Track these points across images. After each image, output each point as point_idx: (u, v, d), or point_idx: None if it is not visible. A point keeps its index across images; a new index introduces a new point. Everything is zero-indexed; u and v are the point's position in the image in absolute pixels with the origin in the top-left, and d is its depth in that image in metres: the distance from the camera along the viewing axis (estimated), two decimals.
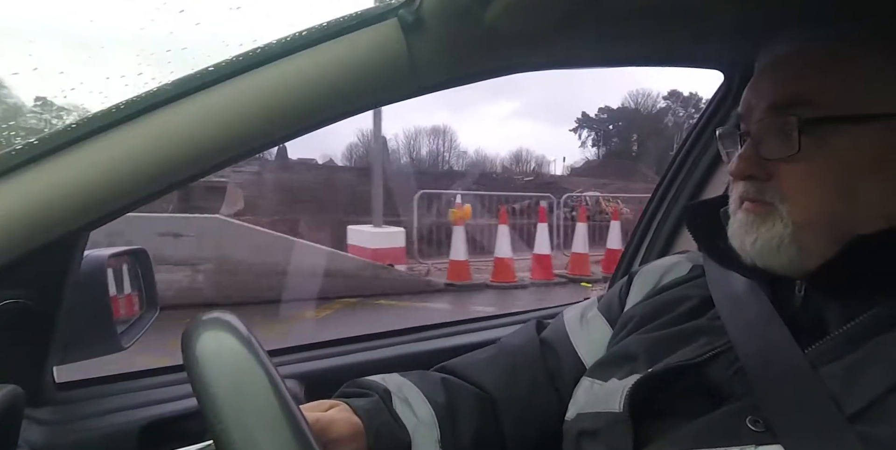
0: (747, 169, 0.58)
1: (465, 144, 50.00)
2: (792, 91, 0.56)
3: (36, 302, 0.64)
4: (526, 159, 40.39)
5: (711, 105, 1.11)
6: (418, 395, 0.69)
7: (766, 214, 0.57)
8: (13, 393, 0.51)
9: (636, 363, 0.62)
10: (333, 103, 0.64)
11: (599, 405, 0.60)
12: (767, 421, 0.48)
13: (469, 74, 0.72)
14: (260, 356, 0.42)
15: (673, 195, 1.21)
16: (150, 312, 0.90)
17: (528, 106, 68.42)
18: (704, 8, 0.70)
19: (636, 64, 0.91)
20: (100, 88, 0.71)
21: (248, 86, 0.61)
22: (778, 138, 0.55)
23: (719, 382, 0.55)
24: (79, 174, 0.59)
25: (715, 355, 0.57)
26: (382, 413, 0.65)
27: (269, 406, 0.38)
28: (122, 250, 0.82)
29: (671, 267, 0.76)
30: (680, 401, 0.56)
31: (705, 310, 0.64)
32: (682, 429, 0.52)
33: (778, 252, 0.56)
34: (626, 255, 1.30)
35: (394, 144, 35.22)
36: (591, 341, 0.75)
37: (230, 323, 0.45)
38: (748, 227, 0.58)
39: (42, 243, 0.60)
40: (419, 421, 0.66)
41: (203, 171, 0.64)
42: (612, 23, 0.69)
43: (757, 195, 0.58)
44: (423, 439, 0.65)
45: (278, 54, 0.61)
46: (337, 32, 0.62)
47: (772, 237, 0.56)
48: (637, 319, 0.69)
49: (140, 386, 0.84)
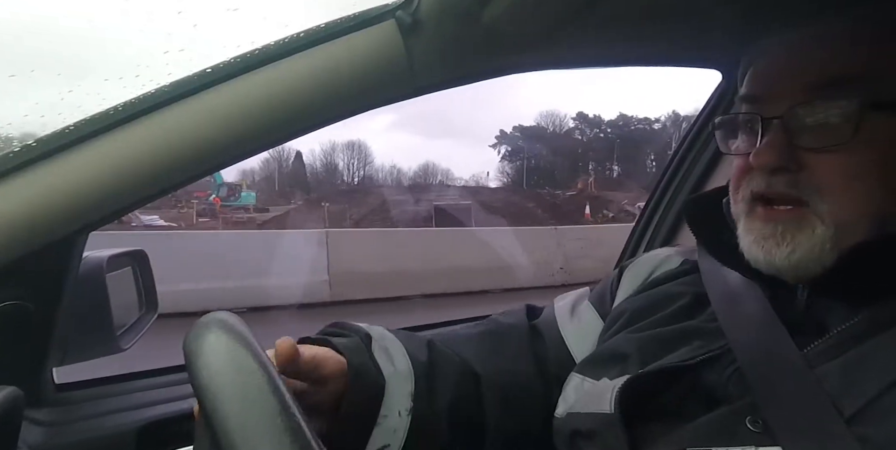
0: (777, 159, 0.51)
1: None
2: (838, 68, 0.49)
3: (35, 303, 0.64)
4: (433, 173, 42.37)
5: (710, 104, 1.12)
6: (399, 348, 0.67)
7: (800, 219, 0.51)
8: (13, 394, 0.51)
9: (627, 363, 0.60)
10: (332, 104, 0.64)
11: (592, 405, 0.58)
12: (766, 422, 0.47)
13: (467, 75, 0.72)
14: (260, 357, 0.42)
15: (672, 192, 1.22)
16: (150, 314, 0.90)
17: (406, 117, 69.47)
18: (703, 8, 0.70)
19: (634, 64, 0.91)
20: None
21: (247, 87, 0.61)
22: (822, 124, 0.50)
23: (715, 384, 0.54)
24: (78, 176, 0.59)
25: (711, 357, 0.55)
26: (362, 354, 0.63)
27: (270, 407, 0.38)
28: (121, 252, 0.82)
29: (663, 260, 0.74)
30: (674, 402, 0.54)
31: (699, 309, 0.63)
32: (679, 430, 0.51)
33: (818, 261, 0.50)
34: (627, 251, 1.30)
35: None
36: (581, 333, 0.74)
37: (231, 324, 0.45)
38: (779, 238, 0.51)
39: (42, 245, 0.60)
40: (396, 370, 0.64)
41: (201, 172, 0.64)
42: (610, 23, 0.69)
43: (787, 189, 0.51)
44: (397, 387, 0.63)
45: (276, 56, 0.61)
46: (335, 34, 0.62)
47: (813, 245, 0.50)
48: (628, 314, 0.68)
49: (139, 387, 0.84)
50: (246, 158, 0.65)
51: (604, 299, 0.76)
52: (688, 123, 1.47)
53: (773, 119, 0.52)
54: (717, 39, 0.83)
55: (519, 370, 0.72)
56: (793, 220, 0.51)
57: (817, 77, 0.50)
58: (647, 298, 0.68)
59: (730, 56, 0.98)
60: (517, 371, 0.72)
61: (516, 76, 0.78)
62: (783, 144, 0.51)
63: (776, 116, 0.52)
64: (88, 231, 0.65)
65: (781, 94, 0.53)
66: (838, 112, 0.49)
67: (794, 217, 0.51)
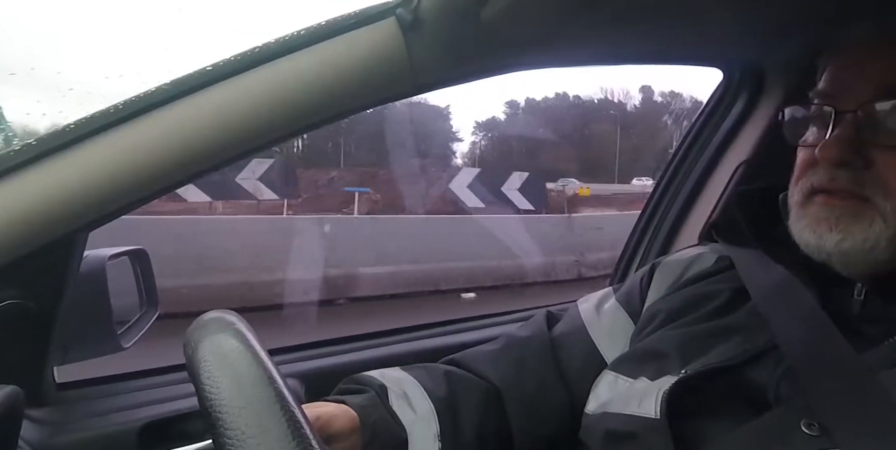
0: (845, 154, 0.50)
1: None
2: None
3: (36, 302, 0.64)
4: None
5: (710, 103, 1.11)
6: (417, 389, 0.67)
7: (861, 211, 0.50)
8: (13, 393, 0.51)
9: (666, 362, 0.58)
10: (332, 102, 0.64)
11: (630, 406, 0.56)
12: (823, 425, 0.45)
13: (467, 73, 0.72)
14: (261, 356, 0.42)
15: (672, 192, 1.21)
16: (151, 312, 0.90)
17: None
18: (703, 7, 0.70)
19: (635, 62, 0.91)
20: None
21: (247, 85, 0.61)
22: (894, 123, 0.49)
23: (763, 383, 0.52)
24: (78, 174, 0.59)
25: (755, 354, 0.54)
26: (378, 409, 0.64)
27: (271, 406, 0.38)
28: (121, 250, 0.82)
29: (695, 259, 0.73)
30: (718, 403, 0.52)
31: (738, 305, 0.61)
32: (728, 434, 0.49)
33: (867, 256, 0.50)
34: (627, 251, 1.30)
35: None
36: (610, 333, 0.73)
37: (232, 323, 0.45)
38: (833, 223, 0.51)
39: (42, 244, 0.60)
40: (417, 416, 0.65)
41: (202, 170, 0.63)
42: (610, 21, 0.69)
43: (850, 185, 0.51)
44: (421, 433, 0.63)
45: (276, 54, 0.61)
46: (335, 31, 0.62)
47: (866, 238, 0.49)
48: (664, 314, 0.66)
49: (140, 386, 0.84)
50: (247, 157, 0.65)
51: (632, 298, 0.75)
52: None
53: (847, 113, 0.52)
54: (718, 38, 0.83)
55: (542, 381, 0.72)
56: (852, 210, 0.51)
57: (892, 78, 0.50)
58: (683, 297, 0.67)
59: (731, 55, 0.98)
60: (541, 382, 0.72)
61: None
62: (852, 138, 0.51)
63: (850, 109, 0.52)
64: (89, 230, 0.65)
65: (856, 91, 0.52)
66: None
67: (855, 208, 0.51)
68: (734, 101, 1.07)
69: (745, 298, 0.61)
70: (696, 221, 1.14)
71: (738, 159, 1.06)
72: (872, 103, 0.51)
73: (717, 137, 1.11)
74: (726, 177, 1.07)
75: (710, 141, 1.12)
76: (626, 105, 43.52)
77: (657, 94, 40.42)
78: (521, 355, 0.74)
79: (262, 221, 7.48)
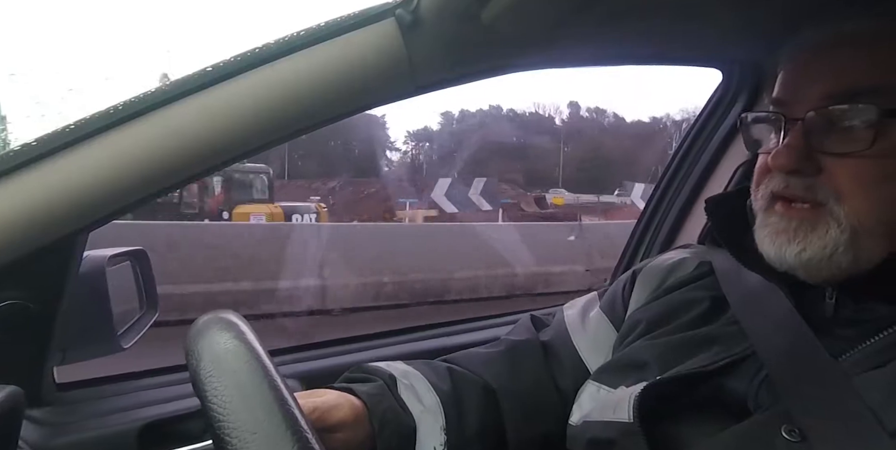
0: (795, 162, 0.51)
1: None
2: (858, 78, 0.50)
3: (35, 303, 0.64)
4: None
5: (710, 103, 1.11)
6: (423, 382, 0.68)
7: (816, 219, 0.50)
8: (13, 393, 0.51)
9: (646, 371, 0.59)
10: (331, 103, 0.64)
11: (607, 413, 0.57)
12: (803, 431, 0.46)
13: (467, 74, 0.72)
14: (261, 356, 0.42)
15: (673, 192, 1.21)
16: (150, 313, 0.90)
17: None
18: (703, 7, 0.70)
19: (635, 62, 0.91)
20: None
21: (246, 86, 0.61)
22: (843, 130, 0.50)
23: (743, 390, 0.52)
24: (78, 175, 0.59)
25: (733, 362, 0.54)
26: (387, 398, 0.64)
27: (270, 406, 0.38)
28: (121, 251, 0.82)
29: (676, 265, 0.73)
30: (697, 410, 0.53)
31: (718, 314, 0.61)
32: (708, 440, 0.50)
33: (829, 262, 0.50)
34: (628, 251, 1.30)
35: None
36: (594, 342, 0.73)
37: (233, 323, 0.45)
38: (791, 234, 0.51)
39: (42, 244, 0.60)
40: (424, 408, 0.65)
41: (202, 171, 0.64)
42: (610, 22, 0.69)
43: (803, 192, 0.51)
44: (428, 425, 0.64)
45: (276, 55, 0.61)
46: (334, 32, 0.62)
47: (824, 246, 0.49)
48: (644, 323, 0.66)
49: (140, 386, 0.84)
50: (247, 157, 0.65)
51: (615, 306, 0.75)
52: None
53: (797, 121, 0.52)
54: (717, 38, 0.83)
55: (537, 382, 0.73)
56: (809, 219, 0.51)
57: (839, 83, 0.50)
58: (663, 305, 0.67)
59: (730, 55, 0.98)
60: (535, 382, 0.73)
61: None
62: (802, 146, 0.51)
63: (799, 117, 0.52)
64: (89, 231, 0.65)
65: (805, 99, 0.52)
66: (859, 119, 0.49)
67: (811, 217, 0.51)
68: (734, 102, 1.07)
69: (725, 305, 0.61)
70: (696, 222, 1.14)
71: (738, 160, 1.06)
72: (820, 110, 0.51)
73: (716, 137, 1.11)
74: (726, 177, 1.07)
75: (710, 141, 1.12)
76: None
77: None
78: (515, 357, 0.75)
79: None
